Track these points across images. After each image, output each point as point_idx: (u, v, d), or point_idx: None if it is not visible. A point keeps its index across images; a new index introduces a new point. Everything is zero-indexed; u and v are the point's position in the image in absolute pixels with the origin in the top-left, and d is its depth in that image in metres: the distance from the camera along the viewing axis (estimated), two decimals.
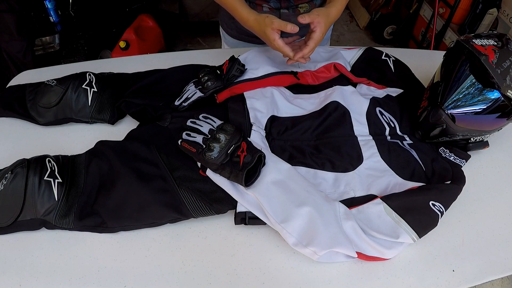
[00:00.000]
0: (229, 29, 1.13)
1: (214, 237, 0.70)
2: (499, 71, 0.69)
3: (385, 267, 0.66)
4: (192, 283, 0.64)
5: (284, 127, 0.82)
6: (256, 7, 1.00)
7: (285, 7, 0.99)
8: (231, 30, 1.13)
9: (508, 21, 1.96)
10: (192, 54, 1.07)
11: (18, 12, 1.68)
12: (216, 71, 0.88)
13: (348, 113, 0.84)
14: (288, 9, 1.00)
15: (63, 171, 0.72)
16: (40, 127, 0.88)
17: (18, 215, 0.67)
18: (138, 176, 0.70)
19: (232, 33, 1.13)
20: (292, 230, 0.63)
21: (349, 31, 2.90)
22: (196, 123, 0.74)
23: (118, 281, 0.64)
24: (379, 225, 0.66)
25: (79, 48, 2.04)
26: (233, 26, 1.10)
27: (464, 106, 0.73)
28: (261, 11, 1.00)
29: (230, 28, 1.12)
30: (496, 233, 0.72)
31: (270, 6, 0.99)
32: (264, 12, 0.99)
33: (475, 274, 0.66)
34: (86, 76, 0.88)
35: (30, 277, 0.64)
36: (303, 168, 0.75)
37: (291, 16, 1.01)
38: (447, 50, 0.81)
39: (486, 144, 0.83)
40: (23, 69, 1.10)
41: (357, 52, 0.99)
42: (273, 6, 0.99)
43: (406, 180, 0.75)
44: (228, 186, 0.69)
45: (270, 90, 0.87)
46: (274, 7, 0.99)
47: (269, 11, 1.00)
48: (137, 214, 0.68)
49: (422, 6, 2.41)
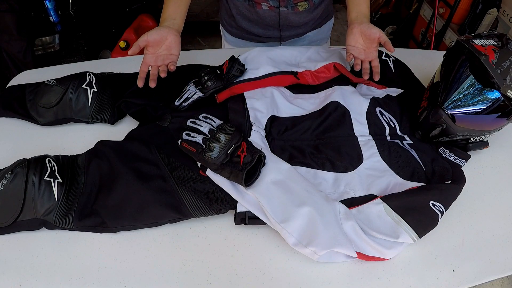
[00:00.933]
0: (229, 27, 1.13)
1: (214, 237, 0.70)
2: (499, 71, 0.69)
3: (385, 267, 0.66)
4: (192, 283, 0.64)
5: (284, 127, 0.82)
6: (255, 5, 1.00)
7: (284, 5, 0.99)
8: (231, 28, 1.13)
9: (508, 21, 1.96)
10: (192, 54, 1.07)
11: (18, 12, 1.68)
12: (216, 71, 0.88)
13: (348, 113, 0.84)
14: (287, 7, 1.00)
15: (63, 171, 0.72)
16: (40, 127, 0.88)
17: (18, 215, 0.67)
18: (138, 176, 0.70)
19: (232, 31, 1.14)
20: (292, 230, 0.63)
21: None
22: (196, 123, 0.74)
23: (118, 281, 0.64)
24: (379, 225, 0.66)
25: (79, 48, 2.04)
26: (234, 24, 1.10)
27: (464, 106, 0.73)
28: (260, 9, 1.00)
29: (230, 26, 1.13)
30: (496, 233, 0.72)
31: (269, 4, 0.99)
32: (263, 10, 1.00)
33: (475, 274, 0.66)
34: (86, 76, 0.88)
35: (30, 277, 0.64)
36: (303, 168, 0.75)
37: (290, 14, 1.01)
38: (447, 50, 0.81)
39: (486, 144, 0.83)
40: (23, 69, 1.10)
41: None
42: (272, 5, 0.99)
43: (406, 180, 0.75)
44: (228, 186, 0.69)
45: (270, 90, 0.87)
46: (273, 5, 0.99)
47: (268, 10, 1.00)
48: (137, 214, 0.68)
49: (422, 6, 2.41)
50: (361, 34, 0.83)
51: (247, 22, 1.06)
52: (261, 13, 1.01)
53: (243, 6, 1.02)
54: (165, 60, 0.83)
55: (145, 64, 0.83)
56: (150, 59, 0.83)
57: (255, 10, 1.01)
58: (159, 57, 0.83)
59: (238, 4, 1.03)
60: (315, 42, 1.16)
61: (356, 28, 0.83)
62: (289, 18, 1.02)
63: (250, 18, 1.05)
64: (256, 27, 1.07)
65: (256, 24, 1.06)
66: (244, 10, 1.03)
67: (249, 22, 1.06)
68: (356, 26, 0.83)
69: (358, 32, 0.83)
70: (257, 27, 1.07)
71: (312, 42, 1.16)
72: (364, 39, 0.84)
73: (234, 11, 1.05)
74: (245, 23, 1.07)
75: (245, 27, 1.08)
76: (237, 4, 1.03)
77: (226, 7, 1.08)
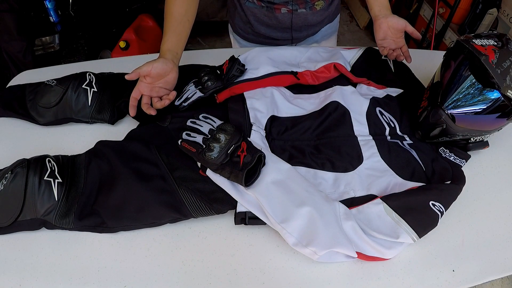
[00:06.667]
0: (245, 34, 1.13)
1: (214, 237, 0.70)
2: (499, 71, 0.69)
3: (385, 267, 0.66)
4: (192, 283, 0.64)
5: (284, 127, 0.82)
6: (275, 11, 1.00)
7: (303, 7, 1.00)
8: (247, 34, 1.12)
9: (508, 21, 1.96)
10: (192, 54, 1.07)
11: (18, 12, 1.68)
12: (216, 71, 0.88)
13: (348, 113, 0.84)
14: (306, 8, 1.00)
15: (63, 171, 0.72)
16: (40, 127, 0.88)
17: (18, 215, 0.67)
18: (138, 176, 0.70)
19: (248, 38, 1.13)
20: (292, 230, 0.63)
21: (349, 31, 2.90)
22: (196, 123, 0.74)
23: (118, 281, 0.64)
24: (379, 225, 0.66)
25: (79, 48, 2.04)
26: (250, 31, 1.10)
27: (464, 106, 0.73)
28: (279, 14, 1.00)
29: (246, 33, 1.12)
30: (496, 233, 0.72)
31: (288, 8, 0.99)
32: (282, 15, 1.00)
33: (475, 274, 0.66)
34: (86, 76, 0.88)
35: (30, 277, 0.64)
36: (303, 168, 0.75)
37: (308, 15, 1.02)
38: (447, 50, 0.81)
39: (486, 144, 0.83)
40: (23, 69, 1.10)
41: (357, 52, 0.99)
42: (291, 8, 0.99)
43: (406, 180, 0.75)
44: (228, 186, 0.69)
45: (270, 90, 0.87)
46: (292, 8, 0.99)
47: (287, 13, 1.00)
48: (137, 214, 0.68)
49: (422, 6, 2.41)
50: (389, 28, 0.87)
51: (265, 27, 1.06)
52: (281, 17, 1.01)
53: (260, 12, 1.02)
54: (159, 93, 0.81)
55: (138, 92, 0.80)
56: (145, 88, 0.80)
57: (274, 15, 1.01)
58: (154, 89, 0.81)
59: (255, 11, 1.02)
60: (326, 36, 1.17)
61: (384, 23, 0.87)
62: (307, 19, 1.03)
63: (268, 23, 1.04)
64: (274, 31, 1.07)
65: (274, 29, 1.06)
66: (262, 16, 1.03)
67: (267, 27, 1.06)
68: (383, 21, 0.87)
69: (386, 26, 0.87)
70: (275, 31, 1.07)
71: (324, 36, 1.16)
72: (393, 31, 0.88)
73: (251, 18, 1.05)
74: (263, 28, 1.06)
75: (263, 32, 1.07)
76: (254, 12, 1.03)
77: (242, 15, 1.07)
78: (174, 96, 0.82)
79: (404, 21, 0.87)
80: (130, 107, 0.81)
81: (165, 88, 0.82)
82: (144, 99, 0.81)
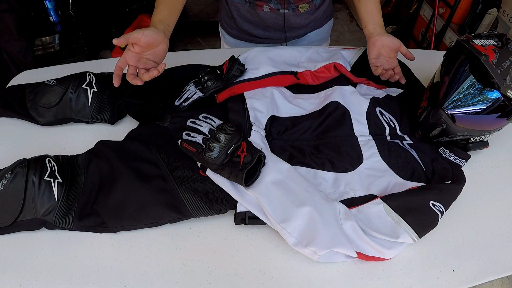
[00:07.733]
0: (229, 29, 1.13)
1: (214, 237, 0.70)
2: (499, 71, 0.69)
3: (385, 267, 0.66)
4: (192, 283, 0.64)
5: (284, 127, 0.82)
6: (257, 8, 1.00)
7: (286, 7, 0.99)
8: (231, 29, 1.13)
9: (508, 21, 1.96)
10: (192, 54, 1.07)
11: (18, 12, 1.68)
12: (216, 71, 0.88)
13: (348, 113, 0.84)
14: (289, 10, 1.00)
15: (63, 171, 0.72)
16: (40, 127, 0.88)
17: (18, 215, 0.67)
18: (138, 176, 0.70)
19: (232, 33, 1.14)
20: (292, 230, 0.63)
21: (349, 31, 2.90)
22: (196, 123, 0.74)
23: (118, 281, 0.64)
24: (379, 225, 0.66)
25: (79, 48, 2.04)
26: (234, 26, 1.10)
27: (464, 106, 0.73)
28: (261, 11, 1.00)
29: (230, 28, 1.13)
30: (496, 233, 0.72)
31: (270, 7, 0.99)
32: (264, 13, 0.99)
33: (475, 274, 0.66)
34: (86, 76, 0.88)
35: (30, 277, 0.64)
36: (303, 168, 0.75)
37: (291, 16, 1.01)
38: (447, 50, 0.81)
39: (486, 144, 0.83)
40: (23, 69, 1.09)
41: (357, 52, 0.99)
42: (273, 7, 0.99)
43: (406, 180, 0.75)
44: (228, 186, 0.69)
45: (270, 90, 0.87)
46: (274, 7, 0.99)
47: (270, 12, 1.00)
48: (137, 214, 0.68)
49: (422, 6, 2.41)
50: (383, 47, 0.87)
51: (248, 24, 1.06)
52: (262, 15, 1.01)
53: (244, 8, 1.02)
54: (146, 65, 0.76)
55: (124, 61, 0.74)
56: (132, 58, 0.74)
57: (256, 12, 1.01)
58: (142, 60, 0.75)
59: (239, 6, 1.03)
60: (315, 43, 1.17)
61: (379, 40, 0.86)
62: (290, 20, 1.02)
63: (251, 20, 1.05)
64: (257, 29, 1.07)
65: (257, 26, 1.06)
66: (245, 12, 1.03)
67: (250, 24, 1.06)
68: (377, 38, 0.86)
69: (380, 45, 0.87)
70: (259, 29, 1.07)
71: (312, 43, 1.16)
72: (387, 50, 0.87)
73: (234, 13, 1.05)
74: (246, 25, 1.07)
75: (246, 28, 1.07)
76: (237, 6, 1.03)
77: (226, 9, 1.08)
78: (163, 68, 0.75)
79: (399, 41, 0.87)
80: (114, 76, 0.74)
81: (153, 61, 0.77)
82: (130, 69, 0.75)
